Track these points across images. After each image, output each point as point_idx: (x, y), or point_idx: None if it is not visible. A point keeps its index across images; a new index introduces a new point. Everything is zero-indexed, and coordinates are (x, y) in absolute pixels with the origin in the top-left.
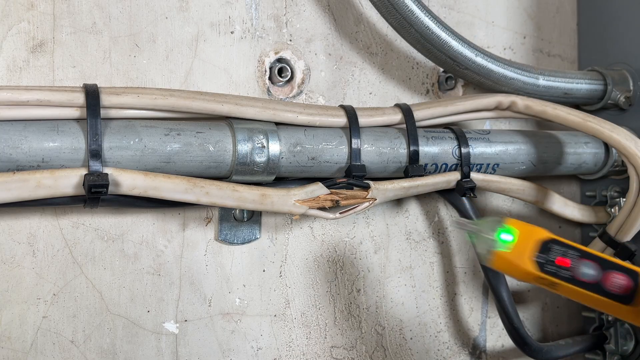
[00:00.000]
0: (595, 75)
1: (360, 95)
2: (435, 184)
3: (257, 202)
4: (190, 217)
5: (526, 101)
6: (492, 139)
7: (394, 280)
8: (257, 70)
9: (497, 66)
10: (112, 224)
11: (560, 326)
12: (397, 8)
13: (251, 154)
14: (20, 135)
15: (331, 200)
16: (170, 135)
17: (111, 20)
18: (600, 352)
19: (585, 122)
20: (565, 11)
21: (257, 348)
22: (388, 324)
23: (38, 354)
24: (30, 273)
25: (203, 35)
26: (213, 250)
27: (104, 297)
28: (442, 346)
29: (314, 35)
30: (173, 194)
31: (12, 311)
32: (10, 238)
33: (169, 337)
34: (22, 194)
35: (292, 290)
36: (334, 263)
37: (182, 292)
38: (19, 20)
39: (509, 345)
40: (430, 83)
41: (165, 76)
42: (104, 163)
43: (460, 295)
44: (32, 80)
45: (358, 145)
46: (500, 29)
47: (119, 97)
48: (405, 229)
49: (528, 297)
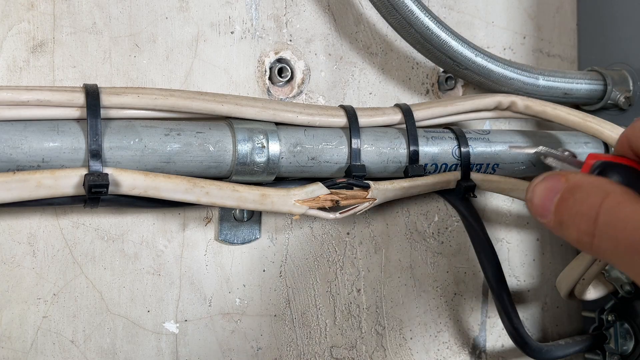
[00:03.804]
0: (595, 76)
1: (360, 95)
2: (435, 184)
3: (257, 202)
4: (190, 217)
5: (526, 101)
6: (492, 139)
7: (394, 280)
8: (257, 71)
9: (497, 66)
10: (112, 224)
11: (560, 326)
12: (397, 8)
13: (251, 154)
14: (21, 135)
15: (331, 200)
16: (171, 135)
17: (111, 21)
18: (600, 352)
19: (585, 122)
20: (565, 11)
21: (257, 348)
22: (388, 324)
23: (38, 354)
24: (31, 273)
25: (203, 36)
26: (213, 250)
27: (104, 297)
28: (442, 346)
29: (314, 36)
30: (173, 194)
31: (12, 311)
32: (11, 238)
33: (169, 337)
34: (22, 194)
35: (292, 290)
36: (334, 263)
37: (182, 292)
38: (19, 20)
39: (509, 345)
40: (430, 83)
41: (166, 76)
42: (104, 163)
43: (460, 295)
44: (32, 80)
45: (358, 145)
46: (500, 29)
47: (119, 97)
48: (405, 229)
49: (528, 297)
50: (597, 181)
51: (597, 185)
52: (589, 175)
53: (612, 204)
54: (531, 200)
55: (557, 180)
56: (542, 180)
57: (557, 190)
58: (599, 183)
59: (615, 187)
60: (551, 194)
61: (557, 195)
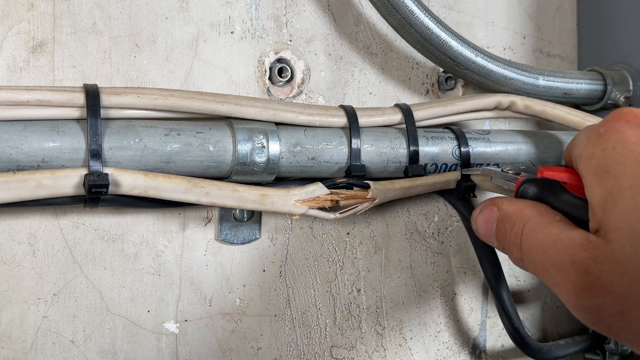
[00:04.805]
0: (595, 76)
1: (360, 95)
2: (435, 184)
3: (257, 202)
4: (190, 217)
5: (526, 101)
6: (491, 139)
7: (394, 280)
8: (257, 71)
9: (497, 66)
10: (112, 224)
11: (560, 326)
12: (397, 8)
13: (251, 154)
14: (21, 135)
15: (331, 200)
16: (171, 135)
17: (111, 21)
18: (600, 352)
19: (585, 122)
20: (565, 11)
21: (257, 348)
22: (388, 324)
23: (38, 354)
24: (31, 273)
25: (203, 36)
26: (213, 250)
27: (104, 297)
28: (442, 346)
29: (314, 36)
30: (173, 194)
31: (12, 311)
32: (11, 238)
33: (169, 337)
34: (22, 194)
35: (292, 290)
36: (334, 263)
37: (182, 292)
38: (19, 20)
39: (509, 345)
40: (430, 83)
41: (165, 76)
42: (104, 163)
43: (460, 295)
44: (32, 80)
45: (358, 145)
46: (500, 29)
47: (119, 97)
48: (405, 229)
49: (528, 297)
50: (520, 209)
51: (519, 214)
52: (514, 202)
53: (528, 231)
54: (477, 231)
55: (490, 211)
56: (480, 212)
57: (492, 220)
58: (520, 211)
59: (532, 212)
60: (489, 224)
61: (493, 225)
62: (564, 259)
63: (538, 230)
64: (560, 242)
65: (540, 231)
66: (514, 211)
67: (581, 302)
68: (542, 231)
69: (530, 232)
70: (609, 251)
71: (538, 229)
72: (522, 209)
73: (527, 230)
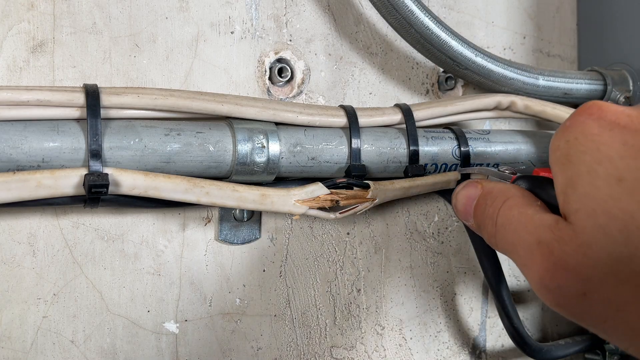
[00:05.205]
0: (595, 75)
1: (360, 95)
2: (435, 184)
3: (257, 202)
4: (190, 217)
5: (525, 101)
6: (491, 139)
7: (394, 280)
8: (257, 71)
9: (497, 66)
10: (112, 224)
11: (560, 326)
12: (397, 8)
13: (251, 154)
14: (21, 135)
15: (331, 200)
16: (171, 135)
17: (111, 21)
18: (600, 352)
19: None
20: (565, 11)
21: (257, 348)
22: (388, 324)
23: (38, 354)
24: (31, 273)
25: (203, 36)
26: (213, 250)
27: (104, 297)
28: (442, 346)
29: (314, 36)
30: (173, 194)
31: (12, 311)
32: (11, 238)
33: (169, 337)
34: (22, 194)
35: (292, 290)
36: (334, 263)
37: (182, 292)
38: (19, 20)
39: (509, 345)
40: (430, 83)
41: (165, 76)
42: (104, 163)
43: (460, 295)
44: (32, 80)
45: (358, 145)
46: (500, 29)
47: (119, 97)
48: (405, 229)
49: (528, 297)
50: (504, 187)
51: (502, 191)
52: (500, 183)
53: (506, 207)
54: (455, 206)
55: (474, 187)
56: (462, 187)
57: (474, 197)
58: (505, 189)
59: (516, 191)
60: (470, 201)
61: (474, 202)
62: (532, 240)
63: (515, 209)
64: (532, 222)
65: (518, 209)
66: (499, 189)
67: (545, 283)
68: (519, 209)
69: (507, 208)
70: (571, 232)
71: (516, 207)
72: (507, 188)
73: (505, 207)
